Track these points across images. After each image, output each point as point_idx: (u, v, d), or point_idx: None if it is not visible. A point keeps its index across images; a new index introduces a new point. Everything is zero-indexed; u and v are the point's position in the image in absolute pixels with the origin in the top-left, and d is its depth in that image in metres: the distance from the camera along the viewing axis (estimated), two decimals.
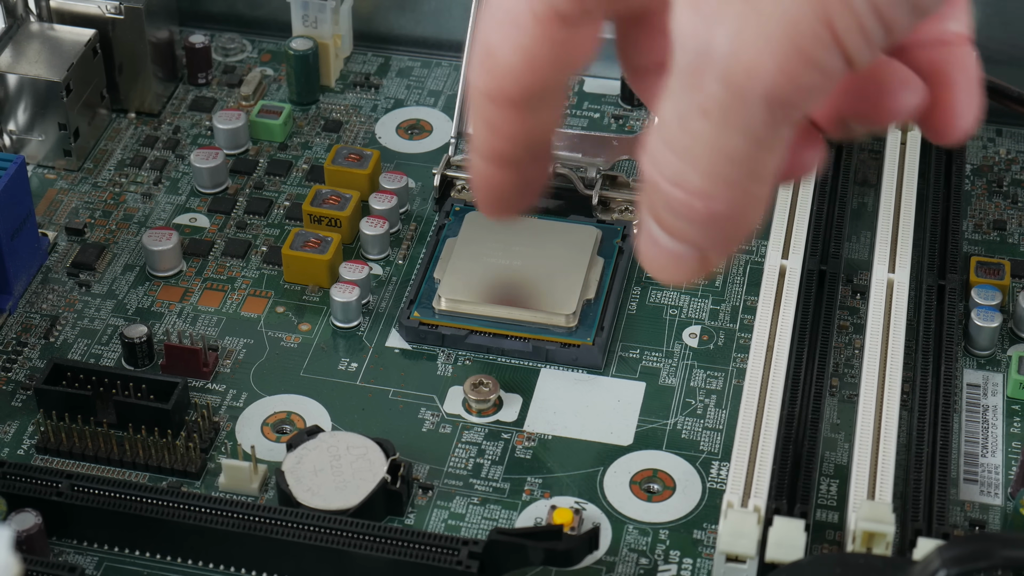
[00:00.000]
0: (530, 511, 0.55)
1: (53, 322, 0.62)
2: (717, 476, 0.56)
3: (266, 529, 0.51)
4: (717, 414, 0.58)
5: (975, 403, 0.58)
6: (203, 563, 0.52)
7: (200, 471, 0.56)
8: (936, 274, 0.60)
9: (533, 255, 0.62)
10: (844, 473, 0.55)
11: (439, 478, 0.56)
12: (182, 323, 0.62)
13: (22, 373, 0.60)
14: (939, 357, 0.57)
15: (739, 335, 0.61)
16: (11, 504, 0.52)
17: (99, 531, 0.53)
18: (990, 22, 0.71)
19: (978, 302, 0.61)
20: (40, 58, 0.68)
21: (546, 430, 0.58)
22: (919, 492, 0.52)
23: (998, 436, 0.57)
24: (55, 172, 0.69)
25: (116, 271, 0.64)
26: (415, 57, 0.76)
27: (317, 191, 0.65)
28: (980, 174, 0.69)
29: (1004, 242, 0.66)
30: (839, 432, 0.57)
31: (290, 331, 0.62)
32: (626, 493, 0.55)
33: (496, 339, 0.60)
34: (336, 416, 0.58)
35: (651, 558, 0.53)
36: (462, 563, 0.50)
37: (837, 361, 0.60)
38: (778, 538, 0.48)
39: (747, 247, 0.65)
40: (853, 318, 0.62)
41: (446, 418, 0.58)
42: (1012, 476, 0.55)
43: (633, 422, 0.58)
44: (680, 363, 0.60)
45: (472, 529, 0.54)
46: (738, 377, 0.59)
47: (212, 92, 0.74)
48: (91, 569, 0.52)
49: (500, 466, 0.56)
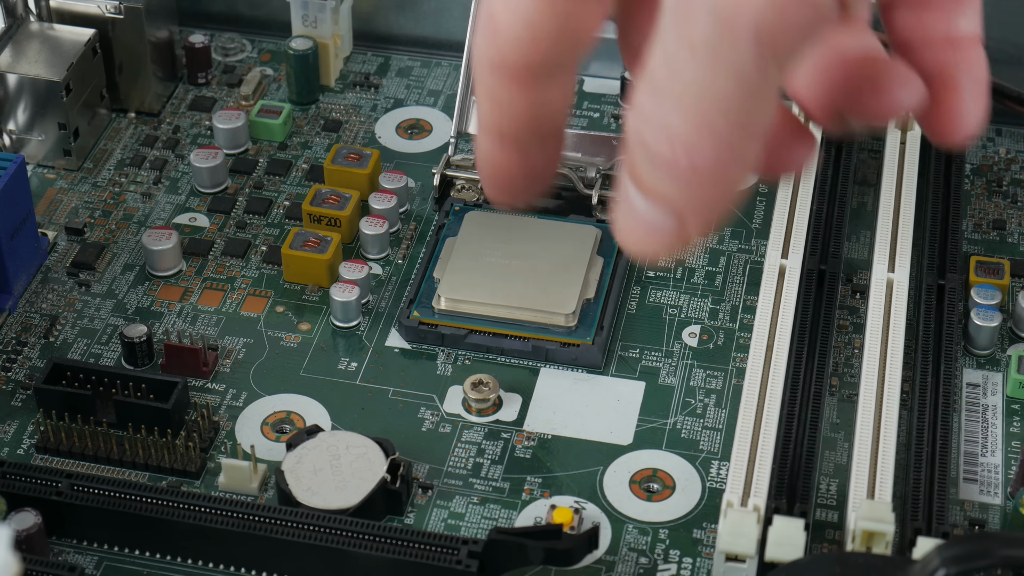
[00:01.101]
0: (530, 510, 0.55)
1: (53, 322, 0.62)
2: (717, 475, 0.56)
3: (266, 529, 0.51)
4: (717, 413, 0.58)
5: (975, 402, 0.58)
6: (203, 563, 0.52)
7: (200, 471, 0.56)
8: (936, 273, 0.60)
9: (533, 255, 0.62)
10: (844, 472, 0.55)
11: (439, 477, 0.56)
12: (182, 323, 0.62)
13: (22, 373, 0.60)
14: (939, 356, 0.57)
15: (739, 335, 0.61)
16: (11, 504, 0.52)
17: (99, 531, 0.53)
18: (990, 22, 0.71)
19: (978, 301, 0.61)
20: (40, 58, 0.68)
21: (546, 430, 0.58)
22: (919, 491, 0.52)
23: (998, 435, 0.57)
24: (55, 172, 0.69)
25: (116, 271, 0.64)
26: (415, 57, 0.76)
27: (317, 191, 0.66)
28: (980, 174, 0.69)
29: (1004, 242, 0.66)
30: (839, 431, 0.57)
31: (290, 331, 0.62)
32: (626, 492, 0.55)
33: (496, 339, 0.60)
34: (336, 416, 0.58)
35: (651, 557, 0.53)
36: (462, 562, 0.50)
37: (837, 360, 0.60)
38: (778, 537, 0.48)
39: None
40: (853, 318, 0.62)
41: (446, 418, 0.58)
42: (1012, 475, 0.55)
43: (633, 422, 0.58)
44: (680, 363, 0.60)
45: (472, 528, 0.54)
46: (738, 376, 0.59)
47: (212, 92, 0.74)
48: (91, 569, 0.52)
49: (500, 465, 0.56)
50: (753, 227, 0.67)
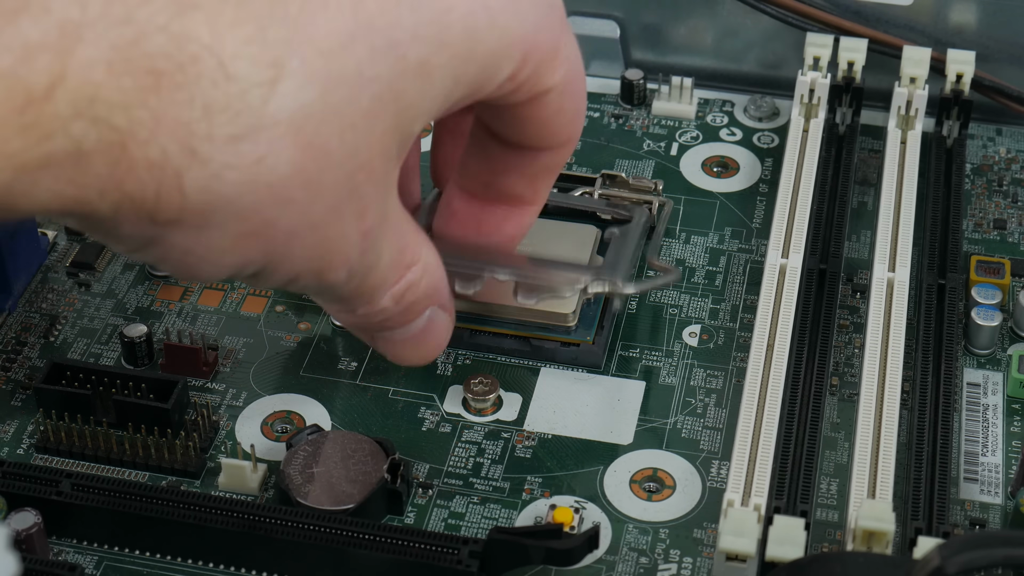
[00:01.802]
0: (530, 510, 0.55)
1: (53, 321, 0.62)
2: (717, 475, 0.56)
3: (266, 529, 0.51)
4: (717, 413, 0.58)
5: (975, 402, 0.58)
6: (203, 562, 0.52)
7: (200, 470, 0.56)
8: (936, 273, 0.60)
9: (533, 255, 0.62)
10: (844, 472, 0.55)
11: (439, 477, 0.56)
12: (182, 322, 0.62)
13: (22, 372, 0.60)
14: (939, 356, 0.57)
15: (739, 334, 0.61)
16: (11, 504, 0.52)
17: (99, 530, 0.53)
18: (990, 22, 0.71)
19: (978, 301, 0.61)
20: None
21: (546, 429, 0.58)
22: (919, 491, 0.52)
23: (998, 435, 0.57)
24: None
25: (116, 270, 0.64)
26: None
27: None
28: (980, 173, 0.69)
29: (1004, 241, 0.66)
30: (839, 431, 0.57)
31: (290, 330, 0.62)
32: (626, 492, 0.55)
33: (496, 338, 0.60)
34: (336, 415, 0.58)
35: (651, 557, 0.53)
36: (462, 562, 0.50)
37: (837, 360, 0.60)
38: (778, 537, 0.48)
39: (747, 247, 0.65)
40: (853, 317, 0.62)
41: (446, 417, 0.58)
42: (1012, 475, 0.55)
43: (633, 421, 0.58)
44: (680, 362, 0.60)
45: (472, 528, 0.54)
46: (738, 376, 0.59)
47: None
48: (91, 568, 0.52)
49: (500, 465, 0.56)
50: (753, 227, 0.67)
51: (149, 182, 0.38)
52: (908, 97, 0.66)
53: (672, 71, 0.73)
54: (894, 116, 0.67)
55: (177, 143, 0.37)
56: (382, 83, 0.41)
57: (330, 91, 0.40)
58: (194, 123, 0.37)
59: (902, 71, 0.67)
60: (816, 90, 0.67)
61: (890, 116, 0.67)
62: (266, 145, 0.39)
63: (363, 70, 0.41)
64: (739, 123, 0.73)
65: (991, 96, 0.70)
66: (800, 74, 0.68)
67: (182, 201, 0.39)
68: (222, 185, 0.39)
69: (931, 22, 0.71)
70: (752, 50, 0.74)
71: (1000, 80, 0.69)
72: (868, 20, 0.71)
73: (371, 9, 0.41)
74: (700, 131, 0.72)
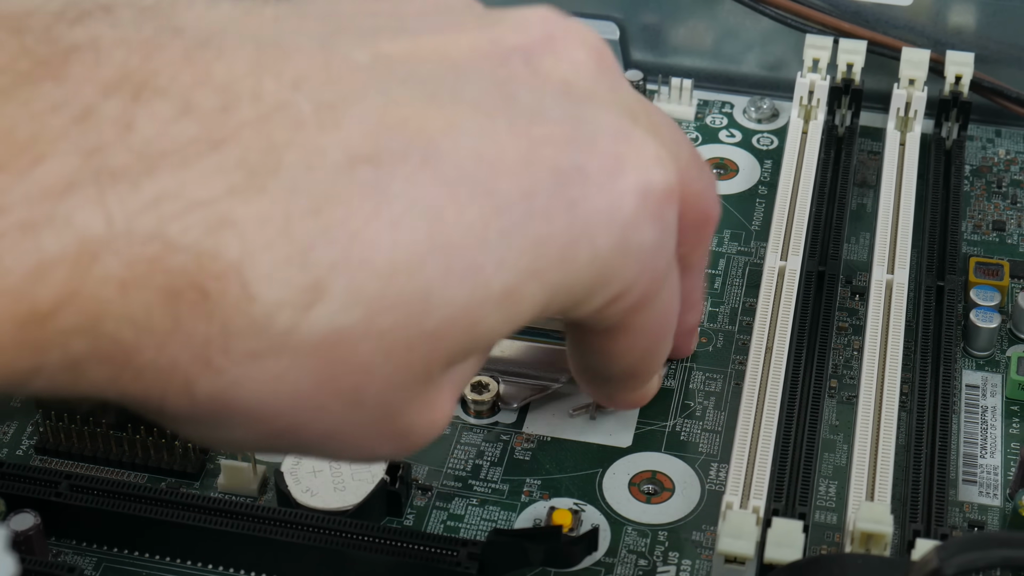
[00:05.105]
0: (529, 512, 0.55)
1: None
2: (716, 478, 0.56)
3: (265, 529, 0.51)
4: (716, 416, 0.58)
5: (974, 404, 0.58)
6: (202, 563, 0.52)
7: (199, 471, 0.56)
8: (935, 275, 0.61)
9: None
10: (843, 474, 0.55)
11: (438, 479, 0.56)
12: None
13: None
14: (938, 358, 0.57)
15: (738, 337, 0.61)
16: (10, 505, 0.52)
17: (98, 531, 0.53)
18: (989, 23, 0.71)
19: (977, 303, 0.61)
20: None
21: (545, 432, 0.58)
22: (918, 493, 0.52)
23: (997, 437, 0.57)
24: None
25: None
26: None
27: None
28: (979, 175, 0.69)
29: (1003, 243, 0.66)
30: (838, 433, 0.57)
31: None
32: (625, 494, 0.55)
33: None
34: None
35: (650, 559, 0.53)
36: (461, 564, 0.50)
37: (836, 362, 0.60)
38: (777, 539, 0.48)
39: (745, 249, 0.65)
40: (852, 319, 0.62)
41: None
42: (1011, 477, 0.55)
43: (632, 424, 0.58)
44: (679, 365, 0.60)
45: (471, 530, 0.54)
46: (737, 379, 0.59)
47: None
48: (90, 569, 0.52)
49: (499, 467, 0.56)
50: (752, 229, 0.67)
51: (154, 386, 0.34)
52: (907, 99, 0.66)
53: (671, 72, 0.73)
54: (893, 118, 0.67)
55: (189, 354, 0.34)
56: (456, 307, 0.36)
57: (380, 313, 0.35)
58: (211, 339, 0.34)
59: (901, 73, 0.67)
60: (815, 92, 0.68)
61: (889, 118, 0.67)
62: (288, 363, 0.35)
63: (432, 294, 0.36)
64: (738, 125, 0.73)
65: (990, 98, 0.70)
66: (799, 76, 0.68)
67: (191, 403, 0.35)
68: (239, 391, 0.35)
69: (930, 23, 0.71)
70: (751, 52, 0.74)
71: (999, 82, 0.70)
72: (867, 21, 0.71)
73: (451, 229, 0.36)
74: (699, 132, 0.72)
